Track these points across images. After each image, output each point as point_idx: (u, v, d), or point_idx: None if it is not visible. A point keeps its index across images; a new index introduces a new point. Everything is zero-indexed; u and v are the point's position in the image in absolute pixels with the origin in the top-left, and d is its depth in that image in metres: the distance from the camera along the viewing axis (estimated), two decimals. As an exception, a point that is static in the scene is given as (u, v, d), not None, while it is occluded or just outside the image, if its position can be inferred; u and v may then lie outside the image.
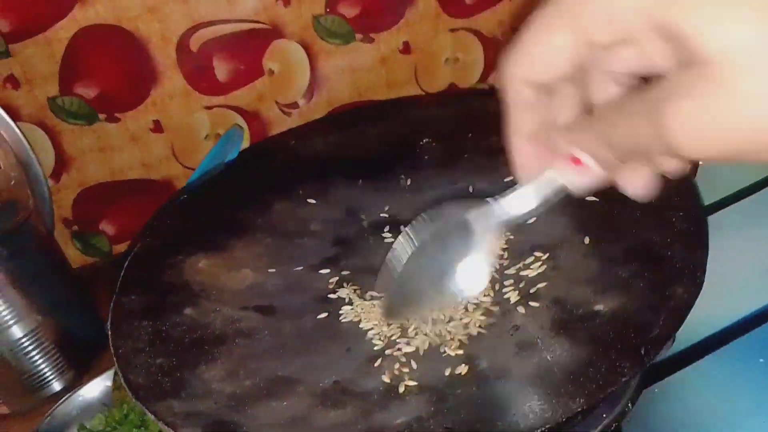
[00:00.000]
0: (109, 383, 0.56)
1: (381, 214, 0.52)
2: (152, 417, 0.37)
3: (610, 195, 0.47)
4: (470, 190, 0.53)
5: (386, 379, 0.40)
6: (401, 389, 0.39)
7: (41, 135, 0.66)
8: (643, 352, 0.37)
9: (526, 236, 0.48)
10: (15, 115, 0.62)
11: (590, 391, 0.36)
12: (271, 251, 0.50)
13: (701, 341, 0.49)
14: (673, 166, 0.27)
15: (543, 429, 0.35)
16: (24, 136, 0.60)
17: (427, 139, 0.52)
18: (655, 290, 0.41)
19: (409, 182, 0.54)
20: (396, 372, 0.40)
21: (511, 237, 0.48)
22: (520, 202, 0.30)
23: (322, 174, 0.55)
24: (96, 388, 0.56)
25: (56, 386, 0.59)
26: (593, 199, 0.49)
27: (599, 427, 0.41)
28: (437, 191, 0.53)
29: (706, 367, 0.48)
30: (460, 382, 0.39)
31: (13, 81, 0.64)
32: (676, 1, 0.22)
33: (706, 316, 0.48)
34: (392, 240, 0.50)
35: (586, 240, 0.46)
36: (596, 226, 0.47)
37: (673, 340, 0.43)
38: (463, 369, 0.40)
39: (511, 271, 0.46)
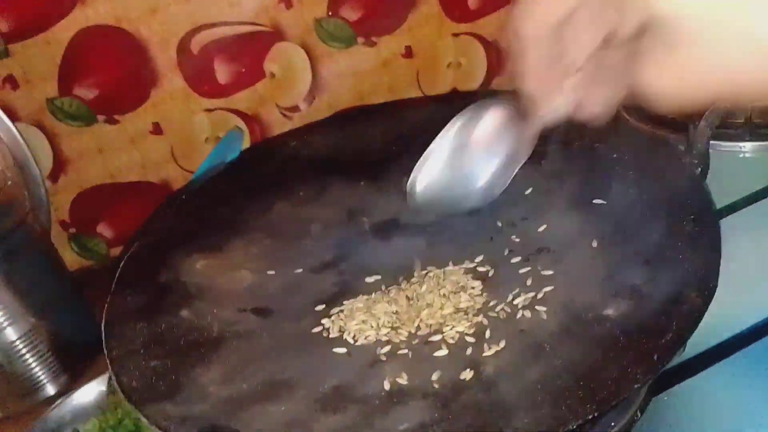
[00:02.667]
0: (103, 387, 0.55)
1: (383, 217, 0.51)
2: (145, 421, 0.36)
3: (618, 198, 0.47)
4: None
5: (388, 384, 0.39)
6: (404, 394, 0.38)
7: (39, 136, 0.65)
8: (656, 357, 0.36)
9: (532, 239, 0.47)
10: (13, 116, 0.62)
11: (601, 398, 0.35)
12: (270, 253, 0.49)
13: (711, 348, 0.48)
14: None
15: (552, 436, 0.34)
16: (22, 137, 0.60)
17: (431, 141, 0.51)
18: (666, 295, 0.40)
19: (412, 184, 0.53)
20: (399, 377, 0.39)
21: (517, 240, 0.47)
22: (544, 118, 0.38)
23: (322, 175, 0.54)
24: (90, 392, 0.55)
25: (50, 390, 0.58)
26: (601, 202, 0.48)
27: (608, 436, 0.40)
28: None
29: (717, 374, 0.46)
30: (466, 387, 0.38)
31: (11, 81, 0.63)
32: None
33: (716, 322, 0.47)
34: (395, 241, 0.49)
35: (594, 243, 0.45)
36: (604, 229, 0.46)
37: (684, 347, 0.42)
38: (468, 374, 0.39)
39: (518, 274, 0.45)
